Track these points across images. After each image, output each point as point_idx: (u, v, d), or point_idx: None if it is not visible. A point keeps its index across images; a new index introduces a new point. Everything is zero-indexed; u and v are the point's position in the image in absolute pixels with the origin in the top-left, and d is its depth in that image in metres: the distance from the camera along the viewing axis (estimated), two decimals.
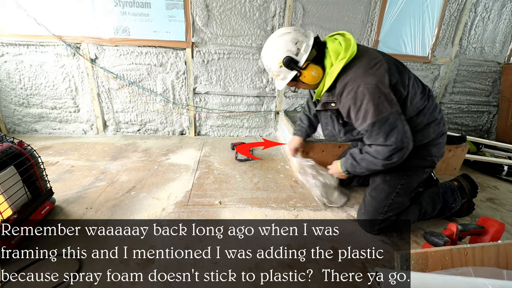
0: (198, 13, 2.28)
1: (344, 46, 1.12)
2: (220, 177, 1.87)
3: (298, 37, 1.15)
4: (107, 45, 2.31)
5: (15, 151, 1.18)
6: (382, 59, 1.12)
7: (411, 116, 1.18)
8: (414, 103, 1.16)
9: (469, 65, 2.80)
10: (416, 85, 1.19)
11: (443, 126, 1.27)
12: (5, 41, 2.22)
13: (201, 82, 2.52)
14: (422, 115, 1.19)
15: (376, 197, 1.33)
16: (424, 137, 1.21)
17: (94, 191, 1.61)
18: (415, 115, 1.18)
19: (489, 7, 2.60)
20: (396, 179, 1.28)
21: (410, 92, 1.15)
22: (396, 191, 1.29)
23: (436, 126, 1.22)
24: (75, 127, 2.58)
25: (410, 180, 1.29)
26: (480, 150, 2.40)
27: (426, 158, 1.26)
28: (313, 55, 1.18)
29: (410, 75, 1.19)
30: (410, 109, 1.16)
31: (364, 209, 1.36)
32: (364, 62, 1.11)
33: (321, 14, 2.41)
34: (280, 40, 1.18)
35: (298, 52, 1.15)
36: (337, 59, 1.12)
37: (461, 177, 1.48)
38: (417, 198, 1.39)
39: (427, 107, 1.20)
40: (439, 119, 1.24)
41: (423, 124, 1.19)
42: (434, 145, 1.25)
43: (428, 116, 1.20)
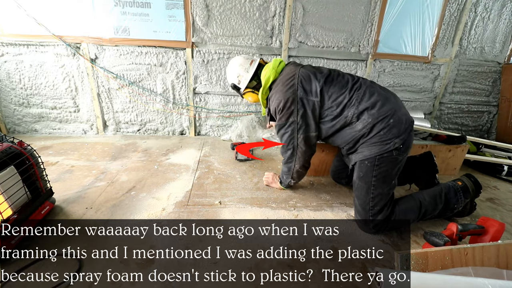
0: (198, 13, 2.28)
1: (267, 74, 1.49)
2: (220, 177, 1.87)
3: (240, 72, 1.58)
4: (107, 45, 2.31)
5: (15, 151, 1.18)
6: (293, 76, 1.40)
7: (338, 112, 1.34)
8: (332, 100, 1.35)
9: (469, 65, 2.80)
10: (337, 82, 1.37)
11: (384, 107, 1.27)
12: (5, 41, 2.22)
13: (201, 82, 2.52)
14: (351, 108, 1.32)
15: (359, 195, 1.36)
16: (363, 124, 1.29)
17: (94, 191, 1.61)
18: (343, 109, 1.33)
19: (489, 7, 2.60)
20: (368, 172, 1.31)
21: (328, 92, 1.36)
22: (372, 183, 1.31)
23: (371, 111, 1.28)
24: (75, 127, 2.58)
25: (381, 169, 1.29)
26: (480, 150, 2.40)
27: (386, 143, 1.26)
28: (253, 84, 1.59)
29: (329, 77, 1.39)
30: (330, 106, 1.36)
31: (355, 210, 1.41)
32: (277, 83, 1.47)
33: (321, 14, 2.41)
34: (230, 70, 1.62)
35: (239, 82, 1.60)
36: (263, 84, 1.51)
37: (465, 176, 1.48)
38: (416, 195, 1.39)
39: (354, 98, 1.32)
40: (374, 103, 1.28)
41: (356, 114, 1.31)
42: (384, 128, 1.26)
43: (358, 106, 1.30)
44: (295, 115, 1.39)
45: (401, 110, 1.31)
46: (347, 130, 1.36)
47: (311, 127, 1.41)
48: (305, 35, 2.46)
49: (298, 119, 1.39)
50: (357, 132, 1.32)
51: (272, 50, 2.48)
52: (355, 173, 1.39)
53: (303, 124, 1.40)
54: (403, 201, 1.38)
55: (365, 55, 2.60)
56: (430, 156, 1.63)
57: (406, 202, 1.37)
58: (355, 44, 2.55)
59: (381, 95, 1.32)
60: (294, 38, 2.46)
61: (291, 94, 1.37)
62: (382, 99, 1.30)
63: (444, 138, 2.08)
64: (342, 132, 1.39)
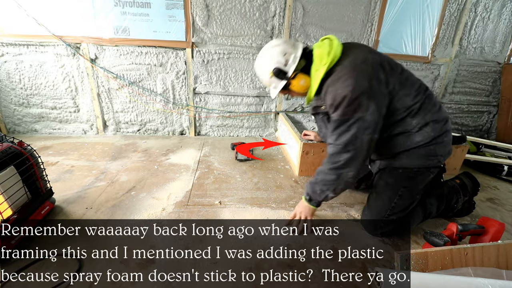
0: (198, 13, 2.28)
1: (327, 51, 1.16)
2: (220, 177, 1.87)
3: (287, 49, 1.21)
4: (107, 45, 2.31)
5: (15, 151, 1.18)
6: (366, 61, 1.13)
7: (402, 116, 1.18)
8: (401, 103, 1.17)
9: (469, 65, 2.80)
10: (410, 84, 1.20)
11: (445, 124, 1.23)
12: (5, 41, 2.22)
13: (201, 82, 2.52)
14: (417, 116, 1.18)
15: (379, 201, 1.31)
16: (424, 137, 1.19)
17: (94, 191, 1.61)
18: (408, 115, 1.18)
19: (489, 7, 2.60)
20: (399, 182, 1.26)
21: (399, 93, 1.16)
22: (399, 194, 1.26)
23: (436, 125, 1.19)
24: (75, 127, 2.58)
25: (414, 182, 1.25)
26: (480, 150, 2.40)
27: (430, 158, 1.22)
28: (301, 65, 1.23)
29: (402, 75, 1.20)
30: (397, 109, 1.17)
31: (367, 212, 1.35)
32: (345, 65, 1.14)
33: (321, 14, 2.41)
34: (270, 52, 1.24)
35: (286, 63, 1.21)
36: (321, 64, 1.16)
37: (463, 175, 1.48)
38: (422, 200, 1.36)
39: (423, 108, 1.19)
40: (441, 118, 1.22)
41: (420, 125, 1.19)
42: (437, 144, 1.21)
43: (425, 116, 1.19)
44: (363, 109, 1.09)
45: (451, 132, 1.27)
46: (401, 138, 1.22)
47: (378, 128, 1.15)
48: (305, 35, 2.46)
49: (368, 115, 1.09)
50: (411, 144, 1.20)
51: None
52: (382, 177, 1.32)
53: (372, 122, 1.11)
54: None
55: None
56: None
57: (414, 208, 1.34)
58: None
59: (445, 112, 1.26)
60: (294, 38, 2.46)
61: (366, 83, 1.08)
62: (446, 115, 1.24)
63: None
64: (395, 139, 1.23)
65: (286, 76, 1.22)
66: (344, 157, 1.16)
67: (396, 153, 1.26)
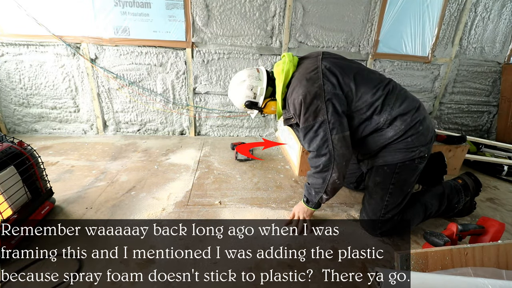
0: (198, 13, 2.28)
1: (281, 68, 1.26)
2: (220, 177, 1.87)
3: (253, 83, 1.34)
4: (107, 45, 2.31)
5: (15, 151, 1.18)
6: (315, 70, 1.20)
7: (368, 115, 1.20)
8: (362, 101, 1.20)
9: (469, 65, 2.80)
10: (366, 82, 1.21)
11: (415, 113, 1.20)
12: (5, 41, 2.22)
13: (201, 82, 2.52)
14: (384, 113, 1.19)
15: (372, 201, 1.32)
16: (395, 131, 1.19)
17: (94, 191, 1.61)
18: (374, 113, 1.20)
19: (489, 7, 2.60)
20: (386, 179, 1.26)
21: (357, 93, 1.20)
22: (389, 192, 1.26)
23: (404, 117, 1.19)
24: (75, 127, 2.58)
25: (401, 177, 1.25)
26: (480, 150, 2.40)
27: (411, 150, 1.21)
28: (270, 91, 1.36)
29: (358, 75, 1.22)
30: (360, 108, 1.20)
31: (364, 213, 1.36)
32: (297, 77, 1.24)
33: (321, 14, 2.41)
34: (239, 88, 1.36)
35: (255, 96, 1.35)
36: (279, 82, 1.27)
37: (465, 175, 1.48)
38: (422, 199, 1.37)
39: (386, 103, 1.19)
40: (407, 109, 1.19)
41: (388, 121, 1.19)
42: (413, 135, 1.19)
43: (391, 111, 1.19)
44: (323, 113, 1.15)
45: (428, 118, 1.26)
46: (375, 137, 1.24)
47: (344, 125, 1.19)
48: (305, 35, 2.46)
49: (329, 117, 1.15)
50: (386, 140, 1.22)
51: (272, 50, 2.48)
52: (370, 177, 1.33)
53: (336, 122, 1.16)
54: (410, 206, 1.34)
55: (365, 55, 2.60)
56: (442, 157, 1.57)
57: (413, 207, 1.34)
58: (355, 44, 2.55)
59: (414, 101, 1.24)
60: (294, 38, 2.46)
61: (317, 88, 1.16)
62: (415, 104, 1.23)
63: (444, 138, 2.08)
64: (369, 138, 1.26)
65: (257, 106, 1.38)
66: (322, 160, 1.21)
67: (376, 151, 1.28)
